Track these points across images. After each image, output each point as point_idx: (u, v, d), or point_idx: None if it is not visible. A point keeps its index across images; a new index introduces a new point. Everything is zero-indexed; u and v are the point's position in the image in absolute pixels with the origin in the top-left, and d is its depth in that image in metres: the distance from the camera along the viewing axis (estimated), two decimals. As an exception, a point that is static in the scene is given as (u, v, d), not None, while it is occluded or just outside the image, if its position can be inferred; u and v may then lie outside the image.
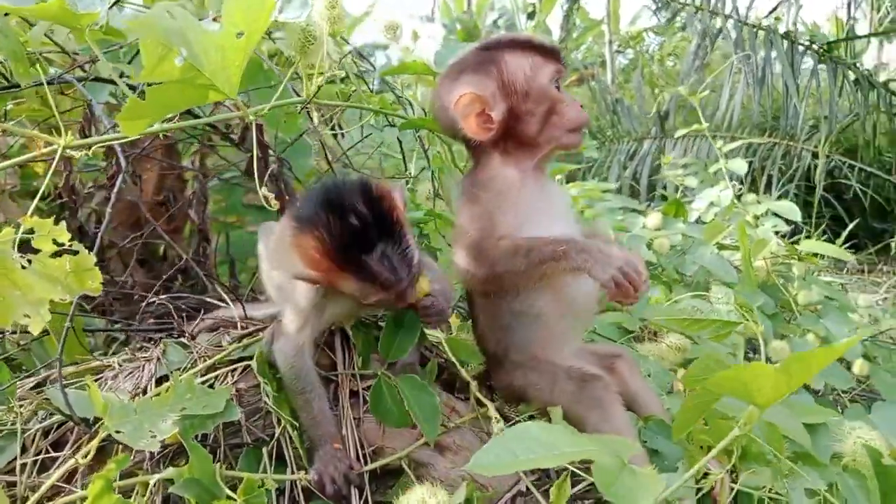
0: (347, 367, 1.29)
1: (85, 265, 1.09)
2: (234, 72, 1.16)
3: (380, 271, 1.11)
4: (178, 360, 1.28)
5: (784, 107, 6.09)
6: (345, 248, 1.11)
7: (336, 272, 1.13)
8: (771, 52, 6.05)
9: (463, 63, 1.31)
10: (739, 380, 0.90)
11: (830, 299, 3.02)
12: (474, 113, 1.26)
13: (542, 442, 0.87)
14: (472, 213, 1.25)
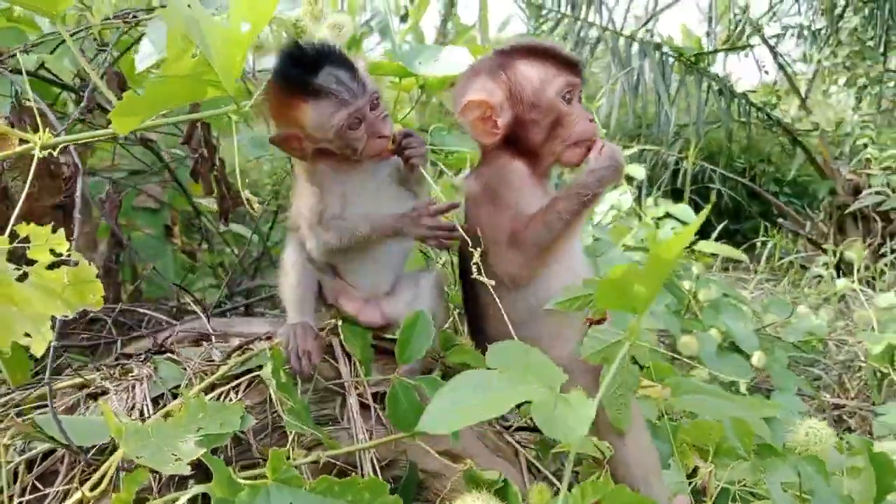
0: (352, 376, 1.24)
1: (85, 277, 0.99)
2: (235, 66, 1.10)
3: (329, 85, 1.18)
4: (171, 377, 1.18)
5: (657, 115, 6.46)
6: (292, 76, 1.19)
7: (293, 106, 1.20)
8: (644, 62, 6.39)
9: (479, 67, 1.32)
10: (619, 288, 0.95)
11: (726, 296, 3.23)
12: (480, 117, 1.27)
13: (482, 388, 0.87)
14: (495, 212, 1.26)
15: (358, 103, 1.21)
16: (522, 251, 1.25)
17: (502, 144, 1.30)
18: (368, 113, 1.24)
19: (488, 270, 1.29)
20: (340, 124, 1.21)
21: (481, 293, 1.34)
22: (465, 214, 1.39)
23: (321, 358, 1.26)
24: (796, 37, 6.99)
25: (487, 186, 1.29)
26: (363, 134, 1.25)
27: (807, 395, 3.07)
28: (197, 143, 1.72)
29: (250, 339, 1.30)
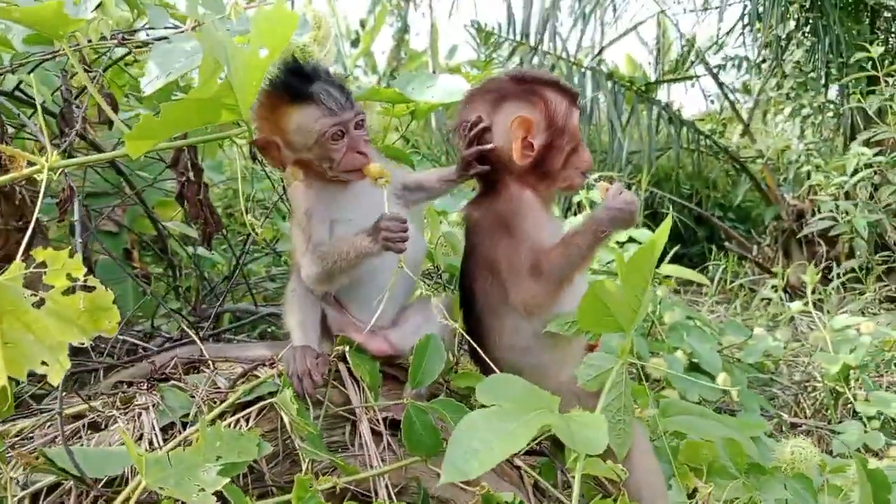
0: (362, 402, 1.23)
1: (101, 303, 0.97)
2: (252, 90, 1.10)
3: (319, 94, 1.24)
4: (179, 405, 1.15)
5: (610, 142, 6.61)
6: (284, 83, 1.25)
7: (280, 110, 1.25)
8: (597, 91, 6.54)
9: (501, 90, 1.34)
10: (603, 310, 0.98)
11: (690, 318, 3.30)
12: (521, 137, 1.30)
13: (494, 428, 0.90)
14: (511, 243, 1.28)
15: (344, 116, 1.26)
16: (544, 282, 1.27)
17: (520, 171, 1.33)
18: (352, 129, 1.28)
19: (497, 298, 1.31)
20: (323, 131, 1.26)
21: (485, 320, 1.36)
22: (469, 243, 1.41)
23: (322, 378, 1.24)
24: (737, 68, 7.27)
25: (500, 217, 1.32)
26: (343, 146, 1.28)
27: (768, 414, 3.15)
28: (184, 167, 1.69)
29: (254, 364, 1.28)
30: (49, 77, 1.88)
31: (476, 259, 1.38)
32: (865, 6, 5.69)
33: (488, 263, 1.34)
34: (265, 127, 1.29)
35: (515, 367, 1.32)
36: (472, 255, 1.40)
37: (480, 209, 1.38)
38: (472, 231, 1.40)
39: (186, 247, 2.72)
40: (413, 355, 1.21)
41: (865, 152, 4.00)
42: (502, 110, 1.33)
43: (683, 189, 7.43)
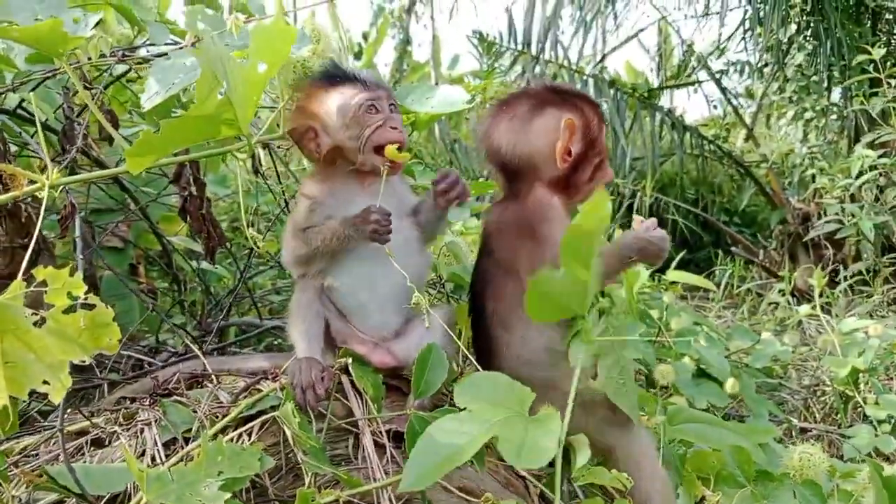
0: (365, 414, 1.23)
1: (102, 320, 0.96)
2: (251, 105, 1.10)
3: (355, 73, 1.35)
4: (181, 420, 1.15)
5: (613, 149, 6.60)
6: (323, 74, 1.35)
7: (318, 95, 1.33)
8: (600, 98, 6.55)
9: (540, 97, 1.36)
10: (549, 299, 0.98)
11: (697, 324, 3.29)
12: (566, 142, 1.32)
13: (454, 434, 0.90)
14: (534, 247, 1.29)
15: (378, 92, 1.35)
16: None
17: (552, 179, 1.33)
18: (387, 107, 1.35)
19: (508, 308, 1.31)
20: (360, 103, 1.32)
21: (493, 330, 1.35)
22: (485, 247, 1.41)
23: (326, 391, 1.25)
24: (740, 73, 7.27)
25: (525, 221, 1.32)
26: (378, 120, 1.33)
27: (777, 419, 3.13)
28: (186, 182, 1.70)
29: (256, 378, 1.28)
30: (51, 95, 1.89)
31: (492, 263, 1.38)
32: (866, 9, 5.69)
33: (506, 268, 1.34)
34: (301, 117, 1.34)
35: (523, 379, 1.32)
36: (488, 259, 1.39)
37: (504, 214, 1.38)
38: (490, 235, 1.40)
39: (191, 261, 2.73)
40: (415, 366, 1.21)
41: (870, 154, 3.99)
42: (545, 114, 1.34)
43: (688, 194, 7.42)
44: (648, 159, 6.66)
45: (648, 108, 6.64)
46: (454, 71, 11.49)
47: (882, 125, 4.20)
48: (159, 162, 1.12)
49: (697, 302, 5.82)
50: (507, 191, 1.42)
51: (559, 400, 1.31)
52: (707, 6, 6.57)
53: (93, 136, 1.81)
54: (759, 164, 6.93)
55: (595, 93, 6.54)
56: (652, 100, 6.63)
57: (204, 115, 1.02)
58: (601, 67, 7.09)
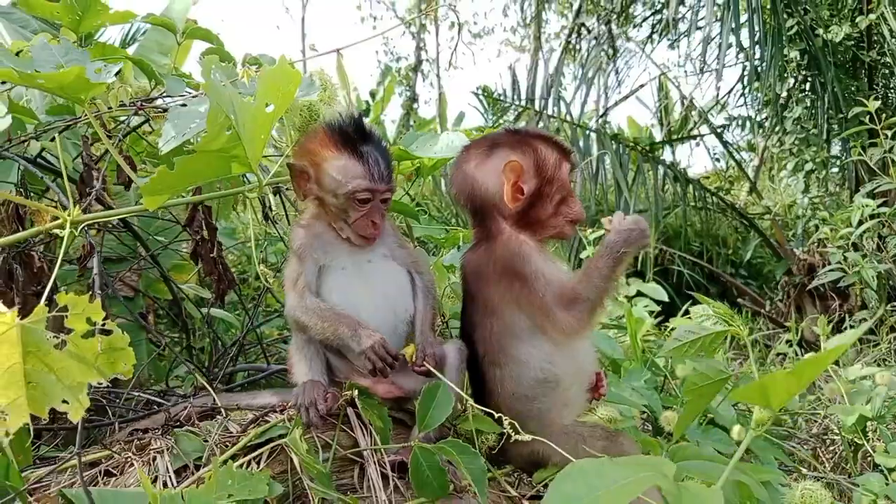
0: (370, 445, 1.26)
1: (117, 345, 1.01)
2: (260, 143, 1.16)
3: (370, 158, 1.34)
4: (192, 449, 1.19)
5: (616, 201, 6.69)
6: (347, 130, 1.36)
7: (331, 150, 1.34)
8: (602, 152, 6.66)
9: (493, 142, 1.41)
10: (759, 387, 1.01)
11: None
12: (513, 181, 1.37)
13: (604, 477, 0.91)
14: (524, 286, 1.35)
15: (378, 187, 1.36)
16: (579, 308, 1.34)
17: (508, 217, 1.38)
18: (378, 200, 1.38)
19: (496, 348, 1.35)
20: (352, 190, 1.35)
21: (486, 370, 1.40)
22: (468, 290, 1.45)
23: (329, 410, 1.28)
24: (742, 128, 7.40)
25: (504, 265, 1.37)
26: (364, 211, 1.36)
27: (787, 467, 3.10)
28: (198, 226, 1.76)
29: (265, 411, 1.32)
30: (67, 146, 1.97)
31: (476, 307, 1.42)
32: (862, 63, 5.82)
33: (491, 309, 1.38)
34: (306, 156, 1.38)
35: (519, 414, 1.36)
36: (472, 303, 1.44)
37: (478, 256, 1.43)
38: (470, 277, 1.45)
39: (201, 308, 2.77)
40: (421, 398, 1.24)
41: (870, 203, 4.04)
42: (494, 155, 1.40)
43: (693, 246, 7.46)
44: (651, 212, 6.73)
45: (651, 162, 6.74)
46: (460, 127, 11.68)
47: (881, 175, 4.26)
48: (174, 202, 1.18)
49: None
50: (478, 232, 1.47)
51: (555, 430, 1.35)
52: (704, 62, 6.73)
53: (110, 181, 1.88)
54: (762, 216, 6.99)
55: (598, 147, 6.67)
56: (654, 153, 6.74)
57: (215, 152, 1.09)
58: (604, 122, 7.22)
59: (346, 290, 1.40)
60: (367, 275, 1.41)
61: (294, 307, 1.40)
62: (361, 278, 1.41)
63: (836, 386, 3.49)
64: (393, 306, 1.42)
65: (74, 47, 1.33)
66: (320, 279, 1.40)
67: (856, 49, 5.74)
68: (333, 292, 1.40)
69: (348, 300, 1.39)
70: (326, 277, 1.40)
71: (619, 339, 3.51)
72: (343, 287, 1.40)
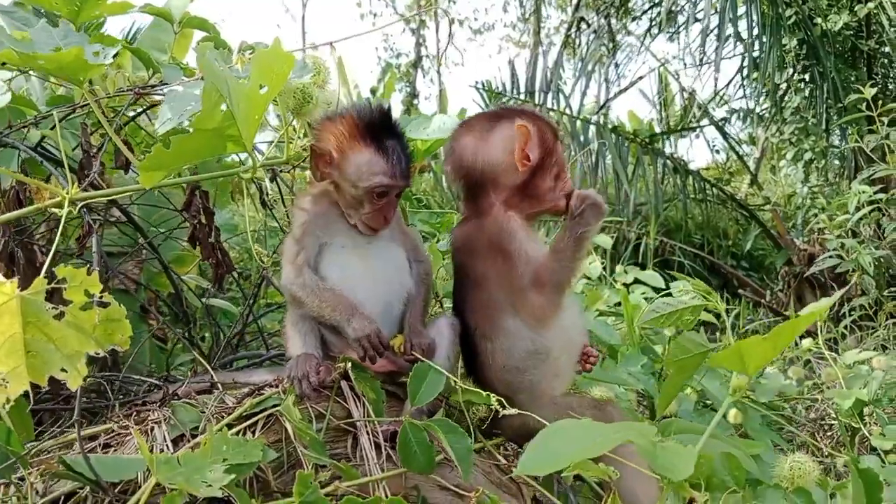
0: (363, 416, 1.29)
1: (114, 317, 1.05)
2: (254, 123, 1.20)
3: (393, 154, 1.37)
4: (189, 420, 1.22)
5: (616, 194, 6.71)
6: (378, 120, 1.37)
7: (357, 140, 1.36)
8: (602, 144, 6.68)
9: (494, 115, 1.46)
10: (735, 352, 1.05)
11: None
12: (525, 144, 1.39)
13: (579, 436, 0.95)
14: (505, 262, 1.37)
15: (397, 184, 1.39)
16: (548, 292, 1.36)
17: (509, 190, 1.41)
18: (393, 196, 1.41)
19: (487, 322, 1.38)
20: (374, 185, 1.37)
21: (477, 343, 1.42)
22: (458, 264, 1.48)
23: (322, 382, 1.31)
24: (742, 120, 7.41)
25: (490, 240, 1.39)
26: (379, 205, 1.39)
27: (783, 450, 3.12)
28: (196, 210, 1.79)
29: (261, 385, 1.35)
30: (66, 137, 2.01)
31: (467, 281, 1.45)
32: (861, 53, 5.83)
33: (479, 283, 1.41)
34: (330, 140, 1.39)
35: (510, 385, 1.39)
36: (463, 278, 1.47)
37: (467, 231, 1.45)
38: (460, 252, 1.47)
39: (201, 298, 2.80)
40: (414, 374, 1.28)
41: (866, 190, 4.06)
42: (499, 125, 1.42)
43: (694, 238, 7.47)
44: (652, 204, 6.75)
45: (651, 154, 6.75)
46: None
47: (879, 163, 4.28)
48: (170, 182, 1.21)
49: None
50: (468, 208, 1.49)
51: (545, 401, 1.38)
52: (703, 54, 6.74)
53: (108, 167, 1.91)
54: (762, 206, 7.00)
55: (597, 138, 6.68)
56: (654, 145, 6.75)
57: (210, 130, 1.12)
58: (604, 115, 7.24)
59: (344, 268, 1.42)
60: (366, 254, 1.44)
61: (292, 281, 1.42)
62: (360, 257, 1.43)
63: (834, 371, 3.52)
64: (390, 285, 1.44)
65: (73, 30, 1.35)
66: (319, 255, 1.43)
67: (854, 38, 5.75)
68: (332, 269, 1.42)
69: (346, 277, 1.41)
70: (325, 254, 1.43)
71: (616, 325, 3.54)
72: (342, 264, 1.42)
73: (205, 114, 1.09)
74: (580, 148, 6.66)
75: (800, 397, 3.70)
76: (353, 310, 1.36)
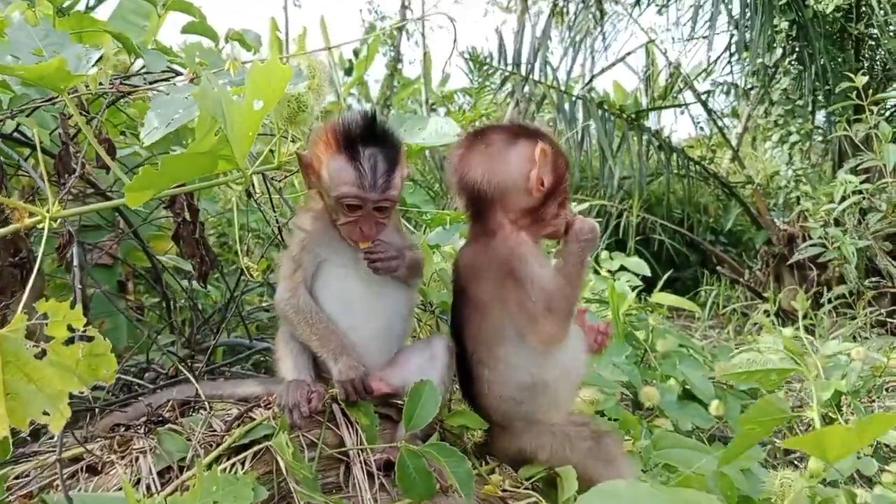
0: (356, 444, 1.25)
1: (99, 351, 0.99)
2: (247, 141, 1.13)
3: (364, 163, 1.28)
4: (175, 449, 1.17)
5: (601, 168, 6.67)
6: (354, 129, 1.30)
7: (332, 149, 1.30)
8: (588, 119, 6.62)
9: (514, 129, 1.40)
10: (816, 439, 1.02)
11: (683, 346, 3.32)
12: (537, 170, 1.35)
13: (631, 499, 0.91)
14: (516, 287, 1.33)
15: (367, 195, 1.30)
16: (558, 316, 1.32)
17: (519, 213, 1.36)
18: (371, 208, 1.32)
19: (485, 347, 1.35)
20: (340, 195, 1.30)
21: (474, 368, 1.39)
22: (458, 285, 1.43)
23: (314, 410, 1.27)
24: (726, 94, 7.37)
25: (500, 261, 1.34)
26: (353, 218, 1.32)
27: (761, 441, 3.16)
28: (179, 208, 1.72)
29: (249, 405, 1.30)
30: (45, 118, 1.91)
31: (467, 303, 1.40)
32: (850, 35, 5.80)
33: (481, 308, 1.37)
34: (314, 147, 1.35)
35: (507, 415, 1.36)
36: (463, 299, 1.42)
37: (475, 251, 1.40)
38: (464, 273, 1.42)
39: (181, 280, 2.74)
40: (408, 397, 1.23)
41: (852, 180, 4.06)
42: (519, 144, 1.37)
43: (675, 214, 7.48)
44: (635, 179, 6.73)
45: (636, 129, 6.71)
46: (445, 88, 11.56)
47: (865, 151, 4.27)
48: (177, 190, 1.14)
49: (683, 321, 5.85)
50: (476, 228, 1.44)
51: (544, 432, 1.35)
52: (693, 30, 6.67)
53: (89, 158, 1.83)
54: (744, 184, 7.01)
55: (583, 113, 6.62)
56: (639, 121, 6.71)
57: (203, 152, 1.05)
58: (590, 88, 7.17)
59: (343, 289, 1.38)
60: (366, 273, 1.36)
61: (286, 301, 1.37)
62: (360, 277, 1.37)
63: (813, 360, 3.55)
64: (390, 305, 1.40)
65: (53, 29, 1.27)
66: (318, 272, 1.38)
67: (844, 20, 5.71)
68: (329, 289, 1.38)
69: (344, 299, 1.37)
70: (324, 272, 1.38)
71: (601, 313, 3.53)
72: (340, 285, 1.38)
73: (199, 140, 1.03)
74: (567, 122, 6.59)
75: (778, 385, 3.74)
76: (342, 349, 1.32)
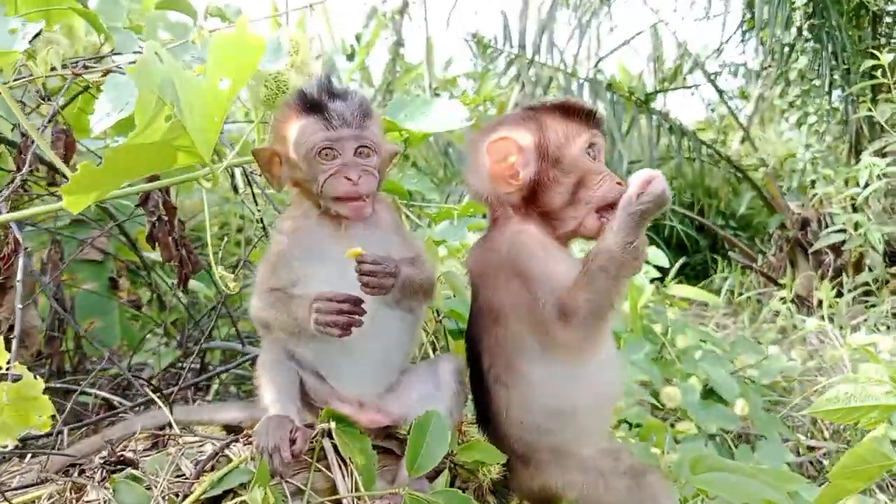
0: (351, 489, 1.06)
1: (29, 393, 0.80)
2: (213, 128, 0.94)
3: (325, 107, 1.12)
4: (134, 502, 0.98)
5: (610, 152, 6.47)
6: (305, 94, 1.13)
7: (288, 119, 1.14)
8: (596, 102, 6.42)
9: (504, 119, 1.22)
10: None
11: (703, 342, 3.16)
12: (504, 160, 1.15)
13: None
14: (523, 288, 1.11)
15: (341, 132, 1.12)
16: (578, 323, 1.07)
17: (517, 208, 1.16)
18: (349, 152, 1.13)
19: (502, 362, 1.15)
20: (314, 146, 1.12)
21: (491, 388, 1.19)
22: (477, 291, 1.23)
23: (296, 453, 1.06)
24: (734, 75, 7.15)
25: (508, 260, 1.13)
26: (331, 168, 1.12)
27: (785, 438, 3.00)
28: (154, 206, 1.53)
29: (224, 442, 1.12)
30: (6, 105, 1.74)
31: (481, 311, 1.20)
32: (867, 11, 5.57)
33: (493, 315, 1.16)
34: (274, 136, 1.19)
35: (530, 445, 1.16)
36: (477, 307, 1.22)
37: (481, 252, 1.21)
38: (474, 277, 1.22)
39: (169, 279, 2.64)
40: (411, 435, 1.04)
41: (878, 163, 3.85)
42: (491, 135, 1.18)
43: (685, 198, 7.32)
44: (645, 163, 6.53)
45: (645, 112, 6.51)
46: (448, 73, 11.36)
47: (890, 132, 4.06)
48: (118, 193, 0.96)
49: (696, 310, 5.68)
50: (490, 224, 1.25)
51: (573, 465, 1.15)
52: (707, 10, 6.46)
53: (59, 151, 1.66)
54: (756, 168, 6.82)
55: (591, 96, 6.41)
56: (648, 103, 6.51)
57: (153, 143, 0.86)
58: (597, 70, 6.95)
59: None
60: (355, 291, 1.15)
61: (259, 308, 1.21)
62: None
63: (839, 353, 3.39)
64: (385, 331, 1.21)
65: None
66: (299, 287, 1.18)
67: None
68: None
69: None
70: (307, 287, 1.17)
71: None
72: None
73: (140, 128, 0.83)
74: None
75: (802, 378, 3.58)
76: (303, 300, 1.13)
